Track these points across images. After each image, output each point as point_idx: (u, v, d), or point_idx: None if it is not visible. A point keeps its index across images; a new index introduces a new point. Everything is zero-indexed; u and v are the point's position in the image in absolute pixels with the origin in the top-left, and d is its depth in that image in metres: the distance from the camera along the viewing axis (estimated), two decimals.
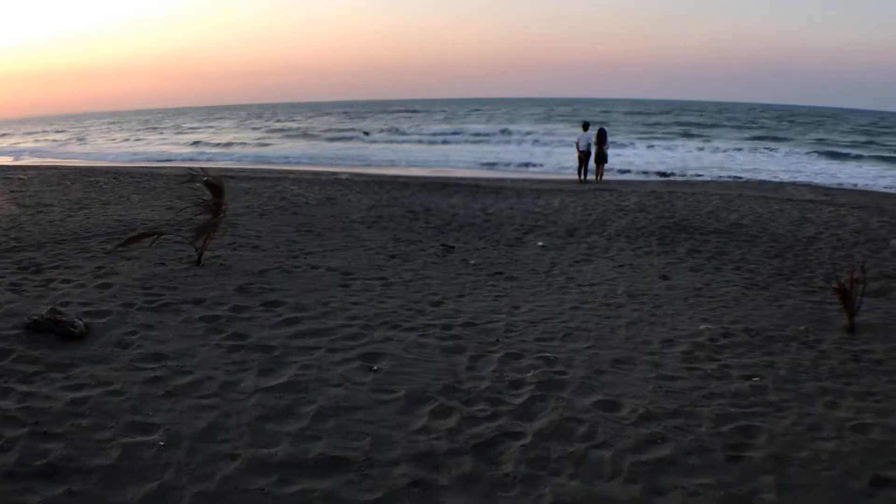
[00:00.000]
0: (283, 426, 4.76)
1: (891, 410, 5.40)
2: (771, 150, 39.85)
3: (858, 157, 37.37)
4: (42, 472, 4.07)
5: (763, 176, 27.86)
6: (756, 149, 40.10)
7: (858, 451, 4.72)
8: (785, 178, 27.34)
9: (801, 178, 27.32)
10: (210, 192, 9.53)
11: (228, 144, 47.92)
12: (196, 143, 50.24)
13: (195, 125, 77.03)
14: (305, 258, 9.94)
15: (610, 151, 25.60)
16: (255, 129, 65.07)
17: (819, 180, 26.96)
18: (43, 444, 4.37)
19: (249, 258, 9.71)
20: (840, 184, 26.13)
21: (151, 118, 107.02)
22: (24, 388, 5.18)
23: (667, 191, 20.42)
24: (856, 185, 26.16)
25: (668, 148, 40.58)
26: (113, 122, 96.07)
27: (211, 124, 78.17)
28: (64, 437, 4.47)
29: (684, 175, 28.66)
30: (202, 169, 11.43)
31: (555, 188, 20.96)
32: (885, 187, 25.53)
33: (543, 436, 4.78)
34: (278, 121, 79.73)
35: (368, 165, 32.29)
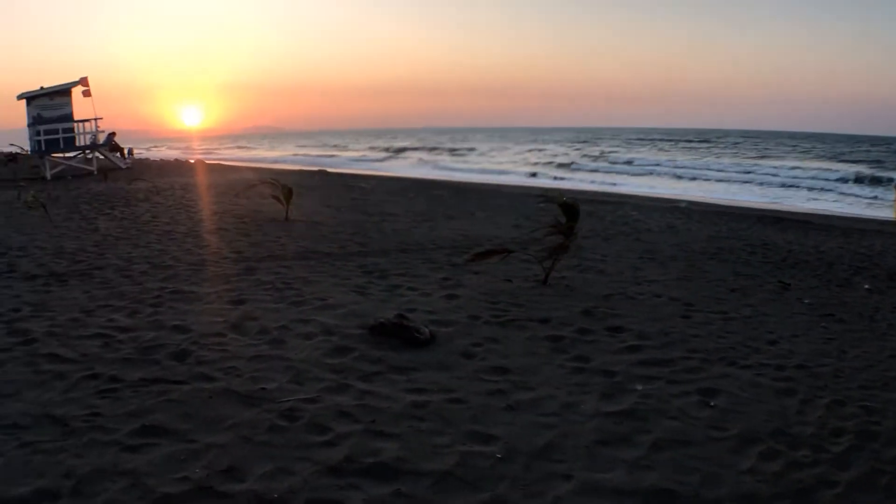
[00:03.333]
0: (619, 453, 4.66)
1: None
2: None
3: None
4: (371, 471, 4.22)
5: None
6: None
7: None
8: None
9: None
10: (564, 214, 9.62)
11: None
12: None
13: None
14: (649, 285, 9.77)
15: None
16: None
17: None
18: (376, 443, 4.55)
19: (594, 282, 9.72)
20: None
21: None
22: (363, 385, 5.50)
23: None
24: None
25: None
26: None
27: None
28: (399, 438, 4.64)
29: None
30: (559, 190, 11.64)
31: (876, 229, 19.79)
32: None
33: (854, 486, 4.48)
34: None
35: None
